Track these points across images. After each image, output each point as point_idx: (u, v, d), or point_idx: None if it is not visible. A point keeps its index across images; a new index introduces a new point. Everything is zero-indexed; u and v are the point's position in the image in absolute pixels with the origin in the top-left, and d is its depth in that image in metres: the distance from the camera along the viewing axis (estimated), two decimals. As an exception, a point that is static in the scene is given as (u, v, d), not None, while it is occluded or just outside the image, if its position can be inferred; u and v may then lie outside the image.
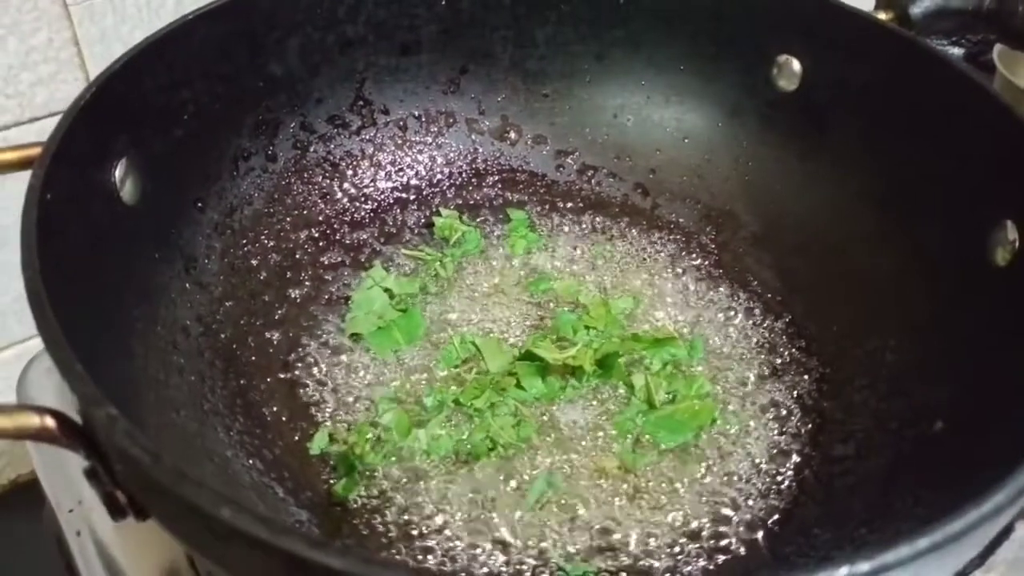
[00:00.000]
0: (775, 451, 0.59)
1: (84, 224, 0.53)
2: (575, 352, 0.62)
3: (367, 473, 0.57)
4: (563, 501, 0.56)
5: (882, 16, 0.70)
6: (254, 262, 0.68)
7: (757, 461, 0.59)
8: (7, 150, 0.54)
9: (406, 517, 0.55)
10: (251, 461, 0.56)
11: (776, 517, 0.56)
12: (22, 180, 0.48)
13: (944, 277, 0.61)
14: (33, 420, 0.40)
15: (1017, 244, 0.56)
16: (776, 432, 0.61)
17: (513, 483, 0.57)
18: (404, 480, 0.57)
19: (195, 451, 0.53)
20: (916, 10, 0.71)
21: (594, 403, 0.62)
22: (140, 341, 0.55)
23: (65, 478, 0.65)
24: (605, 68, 0.79)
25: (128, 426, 0.36)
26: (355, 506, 0.55)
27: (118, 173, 0.57)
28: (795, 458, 0.59)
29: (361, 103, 0.77)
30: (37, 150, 0.52)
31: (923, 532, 0.35)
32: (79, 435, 0.40)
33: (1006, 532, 0.56)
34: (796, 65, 0.72)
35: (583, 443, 0.59)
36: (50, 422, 0.40)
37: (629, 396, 0.62)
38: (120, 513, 0.41)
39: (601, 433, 0.60)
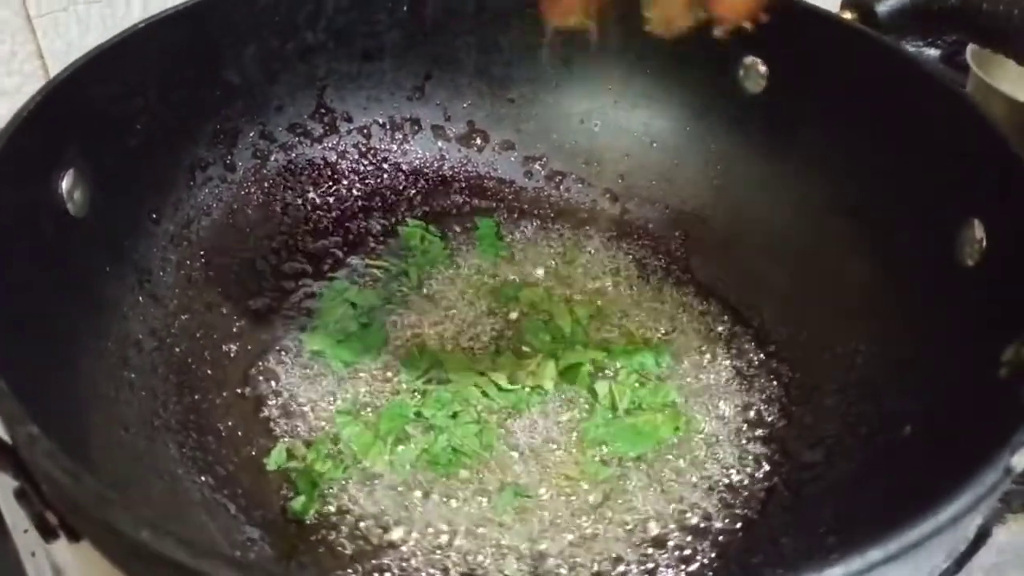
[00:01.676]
0: (743, 459, 0.58)
1: (27, 237, 0.51)
2: (536, 364, 0.61)
3: (325, 489, 0.55)
4: (528, 512, 0.55)
5: (847, 15, 0.69)
6: (211, 273, 0.67)
7: (726, 469, 0.58)
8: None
9: (363, 533, 0.53)
10: (203, 478, 0.54)
11: (745, 525, 0.55)
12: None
13: (913, 279, 0.60)
14: (-40, 441, 0.39)
15: (984, 243, 0.55)
16: (745, 439, 0.59)
17: (476, 495, 0.56)
18: (363, 495, 0.55)
19: (144, 469, 0.52)
20: (882, 8, 0.70)
21: (559, 410, 0.61)
22: (89, 357, 0.54)
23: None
24: (571, 73, 0.78)
25: (49, 446, 0.35)
26: (311, 523, 0.54)
27: (65, 184, 0.55)
28: (764, 465, 0.58)
29: (323, 111, 0.75)
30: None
31: (882, 541, 0.34)
32: (7, 454, 0.39)
33: (982, 537, 0.55)
34: (762, 67, 0.71)
35: (547, 452, 0.58)
36: (-23, 442, 0.39)
37: (593, 404, 0.61)
38: (51, 534, 0.40)
39: (565, 441, 0.59)
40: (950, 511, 0.35)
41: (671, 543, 0.54)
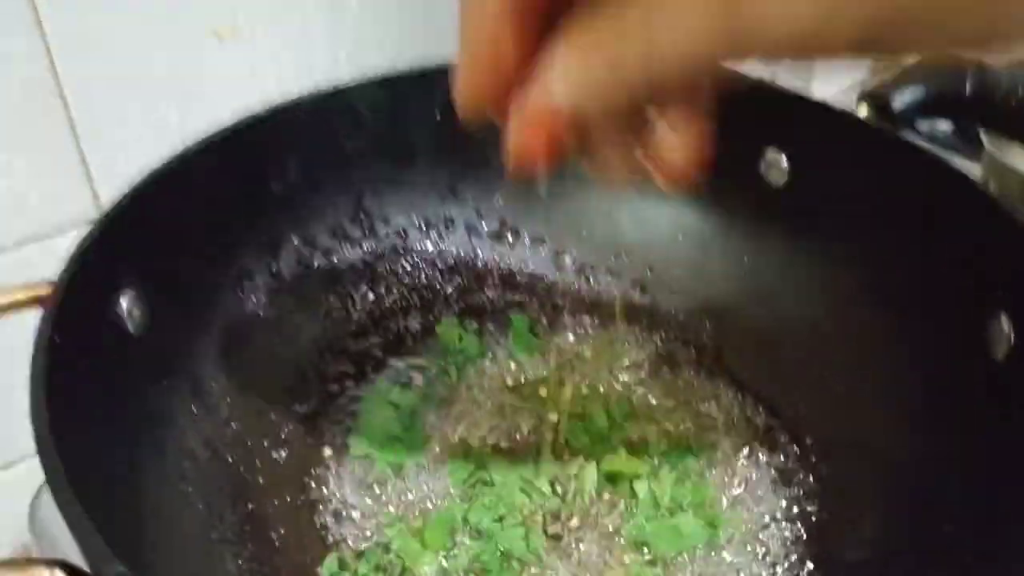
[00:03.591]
0: (787, 557, 0.59)
1: (93, 361, 0.53)
2: (578, 467, 0.62)
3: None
4: (576, 618, 0.56)
5: (863, 112, 0.72)
6: (259, 380, 0.69)
7: (770, 568, 0.58)
8: (16, 290, 0.55)
9: (418, 644, 0.54)
10: (261, 590, 0.55)
11: (792, 628, 0.55)
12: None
13: (947, 373, 0.61)
14: (43, 574, 0.41)
15: (1012, 339, 0.56)
16: (786, 537, 0.60)
17: (525, 602, 0.57)
18: (415, 603, 0.57)
19: (203, 584, 0.53)
20: (897, 103, 0.73)
21: (602, 512, 0.62)
22: (148, 474, 0.55)
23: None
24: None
25: (139, 588, 0.36)
26: (366, 634, 0.55)
27: (125, 305, 0.58)
28: (809, 564, 0.58)
29: (362, 214, 0.78)
30: (46, 289, 0.53)
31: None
32: (90, 589, 0.40)
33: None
34: (784, 161, 0.74)
35: (592, 556, 0.59)
36: (60, 577, 0.40)
37: (634, 505, 0.62)
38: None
39: (609, 544, 0.60)
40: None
41: (720, 647, 0.55)
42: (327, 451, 0.66)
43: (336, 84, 0.73)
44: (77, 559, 0.41)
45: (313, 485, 0.64)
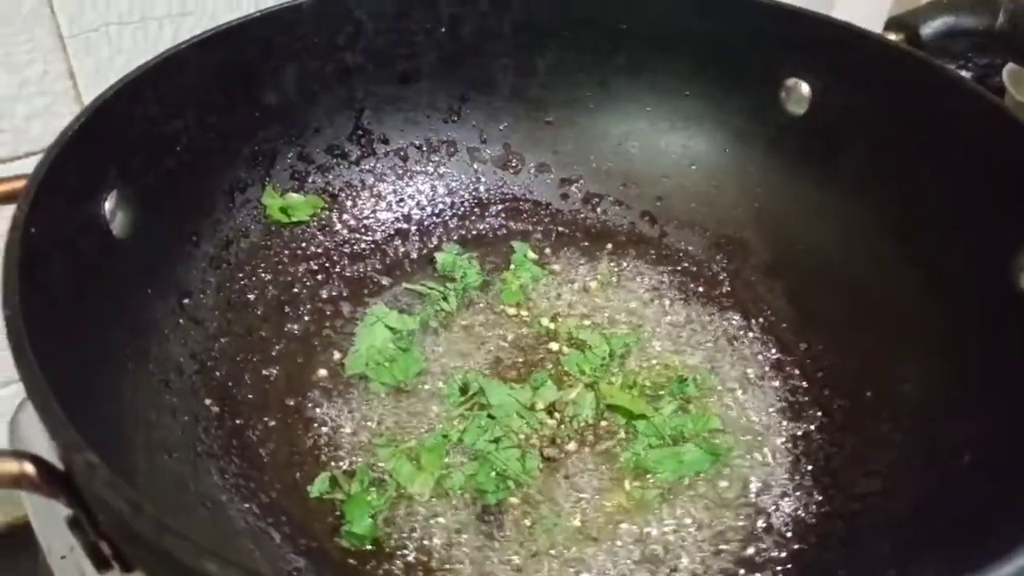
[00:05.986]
0: (795, 489, 0.57)
1: (71, 260, 0.50)
2: (576, 394, 0.60)
3: (378, 519, 0.54)
4: (576, 538, 0.53)
5: (892, 37, 0.69)
6: (251, 296, 0.66)
7: (776, 500, 0.56)
8: (-8, 183, 0.52)
9: (411, 563, 0.52)
10: (247, 505, 0.53)
11: (799, 558, 0.53)
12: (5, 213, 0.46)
13: (966, 304, 0.58)
14: (11, 467, 0.38)
15: (1042, 267, 0.54)
16: (794, 469, 0.58)
17: (523, 520, 0.54)
18: (405, 525, 0.54)
19: (187, 496, 0.51)
20: (927, 30, 0.70)
21: (601, 437, 0.60)
22: (130, 381, 0.53)
23: (57, 524, 0.62)
24: (608, 95, 0.78)
25: (109, 474, 0.34)
26: (355, 552, 0.53)
27: (108, 206, 0.55)
28: (816, 495, 0.56)
29: (360, 133, 0.75)
30: (22, 183, 0.50)
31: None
32: (61, 483, 0.38)
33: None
34: (805, 88, 0.70)
35: (589, 481, 0.57)
36: (30, 469, 0.38)
37: (634, 432, 0.59)
38: (104, 564, 0.39)
39: (607, 470, 0.58)
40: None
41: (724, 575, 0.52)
42: (322, 371, 0.64)
43: (337, -10, 0.69)
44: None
45: (304, 405, 0.61)
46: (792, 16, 0.69)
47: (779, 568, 0.52)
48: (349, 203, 0.74)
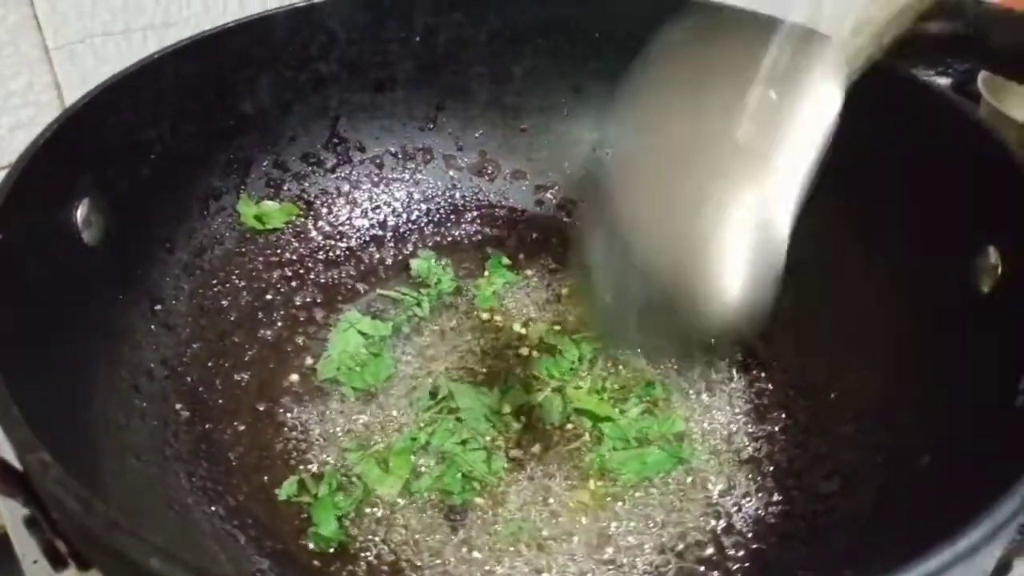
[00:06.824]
0: (757, 490, 0.57)
1: (42, 266, 0.51)
2: (544, 398, 0.60)
3: (344, 522, 0.55)
4: (540, 546, 0.54)
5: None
6: (224, 303, 0.67)
7: (738, 500, 0.57)
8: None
9: (374, 564, 0.53)
10: (213, 508, 0.54)
11: (759, 558, 0.54)
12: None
13: (928, 306, 0.59)
14: (-30, 466, 0.39)
15: (1000, 270, 0.55)
16: (757, 470, 0.59)
17: (486, 530, 0.55)
18: (372, 527, 0.55)
19: (155, 498, 0.51)
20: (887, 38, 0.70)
21: (568, 439, 0.60)
22: (100, 385, 0.53)
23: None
24: (582, 101, 0.79)
25: (61, 473, 0.34)
26: (321, 554, 0.53)
27: (80, 213, 0.55)
28: (777, 495, 0.57)
29: (336, 141, 0.76)
30: (-6, 189, 0.51)
31: (898, 572, 0.33)
32: (18, 482, 0.39)
33: (1002, 571, 0.54)
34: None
35: (555, 482, 0.58)
36: (-15, 467, 0.39)
37: (600, 434, 0.60)
38: (60, 563, 0.39)
39: (572, 471, 0.58)
40: (967, 541, 0.34)
41: None
42: (294, 376, 0.65)
43: (311, 0, 0.70)
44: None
45: (274, 409, 0.62)
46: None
47: (736, 567, 0.53)
48: (324, 210, 0.75)
